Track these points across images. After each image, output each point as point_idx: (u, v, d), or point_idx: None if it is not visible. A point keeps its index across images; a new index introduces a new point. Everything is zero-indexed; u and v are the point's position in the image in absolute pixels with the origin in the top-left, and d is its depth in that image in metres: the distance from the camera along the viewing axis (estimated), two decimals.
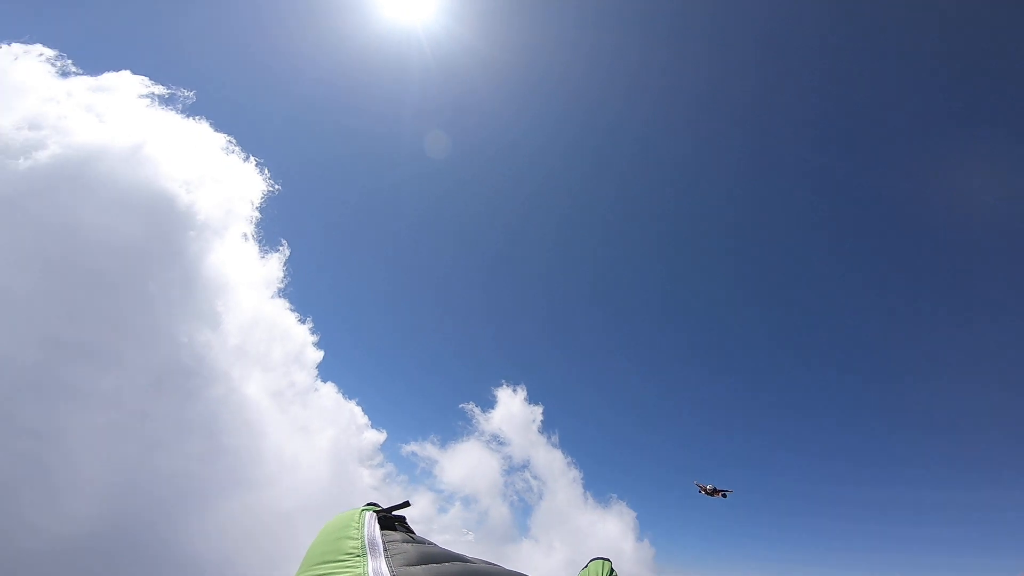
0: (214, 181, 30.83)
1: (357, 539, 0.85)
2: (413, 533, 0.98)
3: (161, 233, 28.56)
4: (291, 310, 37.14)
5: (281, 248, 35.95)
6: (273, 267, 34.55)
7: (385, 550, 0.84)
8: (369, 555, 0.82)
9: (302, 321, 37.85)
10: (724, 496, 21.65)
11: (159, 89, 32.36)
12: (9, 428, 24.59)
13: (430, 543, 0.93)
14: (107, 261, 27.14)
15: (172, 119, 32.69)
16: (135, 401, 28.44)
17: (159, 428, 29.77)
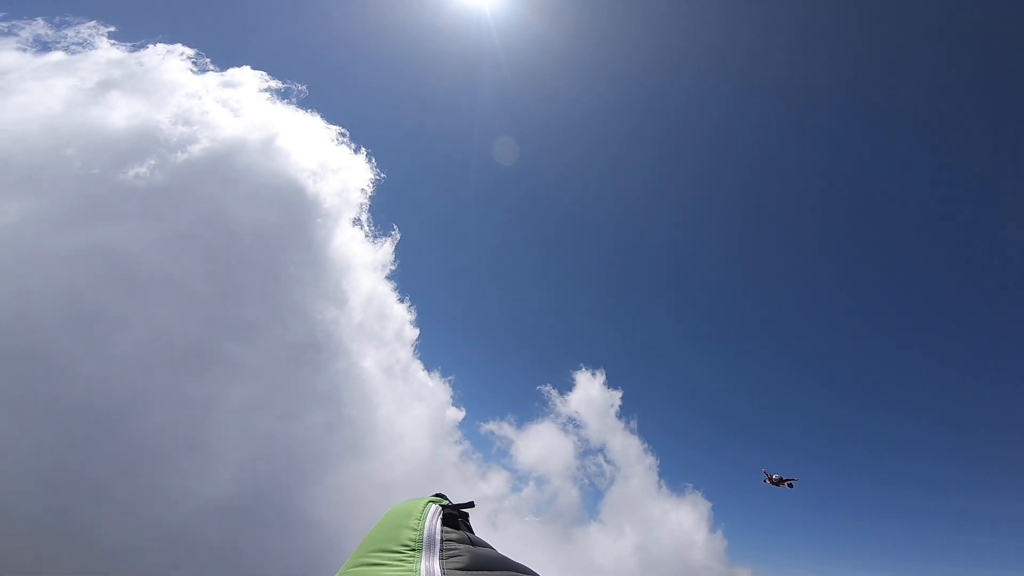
0: (332, 171, 33.06)
1: (417, 531, 0.85)
2: (473, 533, 0.97)
3: (294, 220, 30.92)
4: (394, 290, 39.39)
5: (393, 233, 38.15)
6: (385, 251, 36.74)
7: (442, 549, 0.83)
8: (425, 551, 0.81)
9: (401, 301, 40.10)
10: (790, 486, 21.58)
11: (276, 83, 34.72)
12: (174, 398, 27.30)
13: (488, 546, 0.91)
14: (251, 245, 29.59)
15: (290, 112, 35.10)
16: (273, 373, 31.00)
17: (291, 399, 32.38)
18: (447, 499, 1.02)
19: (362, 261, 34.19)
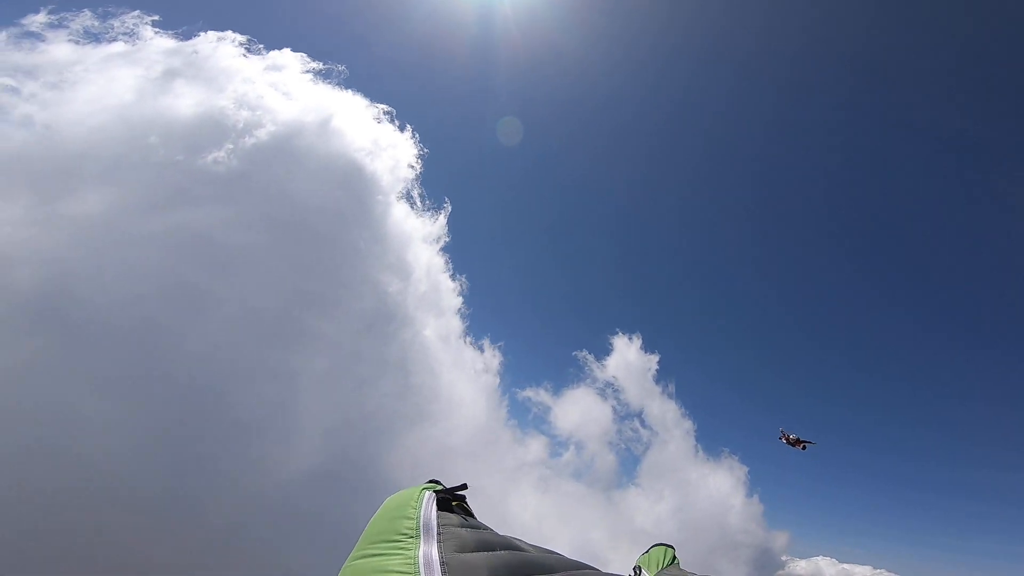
0: (383, 149, 33.99)
1: (413, 519, 0.87)
2: (472, 516, 0.98)
3: (357, 197, 31.93)
4: (447, 262, 40.63)
5: (445, 206, 39.31)
6: (439, 224, 37.94)
7: (439, 534, 0.83)
8: (423, 538, 0.82)
9: (454, 272, 41.40)
10: (804, 447, 21.26)
11: (317, 65, 35.48)
12: (266, 371, 28.49)
13: (487, 528, 0.93)
14: (322, 223, 30.63)
15: (336, 93, 35.94)
16: (350, 344, 32.20)
17: (366, 368, 33.64)
18: (441, 484, 1.02)
19: (419, 234, 35.43)
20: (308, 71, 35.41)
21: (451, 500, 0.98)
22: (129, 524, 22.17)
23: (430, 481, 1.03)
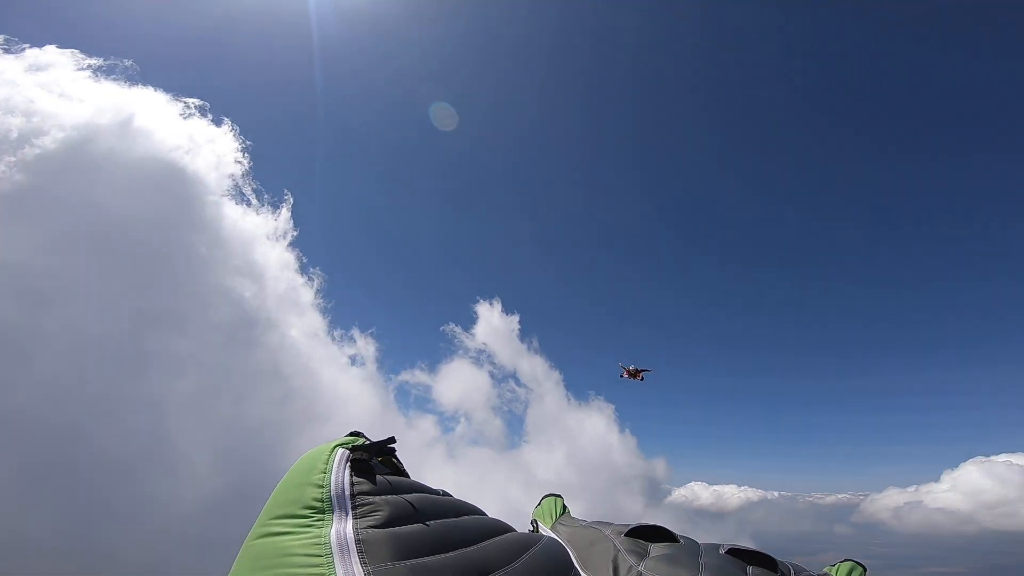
0: (201, 145, 31.15)
1: (323, 486, 0.68)
2: (402, 474, 0.79)
3: (182, 199, 29.13)
4: (299, 257, 38.81)
5: (286, 199, 37.35)
6: (284, 218, 36.02)
7: (354, 506, 0.66)
8: (335, 511, 0.65)
9: (308, 266, 39.76)
10: (642, 378, 20.05)
11: (95, 61, 31.13)
12: (120, 404, 25.07)
13: (419, 488, 0.75)
14: (145, 232, 27.44)
15: (126, 91, 31.72)
16: (214, 358, 29.17)
17: (238, 381, 30.79)
18: (364, 437, 0.79)
19: (262, 232, 33.48)
20: (85, 68, 30.94)
21: (367, 461, 0.75)
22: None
23: (351, 434, 0.79)
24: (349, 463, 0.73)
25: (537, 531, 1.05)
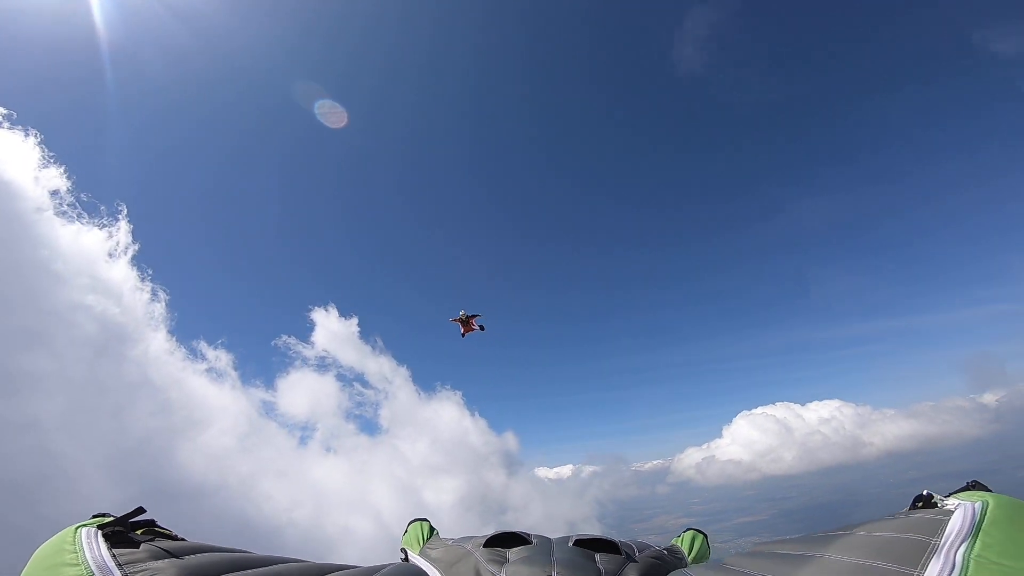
0: (10, 159, 27.56)
1: (78, 565, 0.67)
2: (174, 538, 0.73)
3: (8, 216, 26.24)
4: (142, 270, 36.23)
5: (120, 211, 34.70)
6: (123, 231, 33.42)
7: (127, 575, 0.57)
8: None
9: (150, 280, 37.27)
10: (482, 328, 16.85)
11: None
12: (5, 427, 22.48)
13: (219, 548, 0.70)
14: None
15: None
16: (85, 375, 26.47)
17: (114, 395, 28.20)
18: (110, 515, 0.74)
19: (104, 248, 30.82)
20: None
21: (125, 531, 0.72)
22: None
23: (95, 516, 0.74)
24: (102, 537, 0.70)
25: (407, 559, 1.08)
